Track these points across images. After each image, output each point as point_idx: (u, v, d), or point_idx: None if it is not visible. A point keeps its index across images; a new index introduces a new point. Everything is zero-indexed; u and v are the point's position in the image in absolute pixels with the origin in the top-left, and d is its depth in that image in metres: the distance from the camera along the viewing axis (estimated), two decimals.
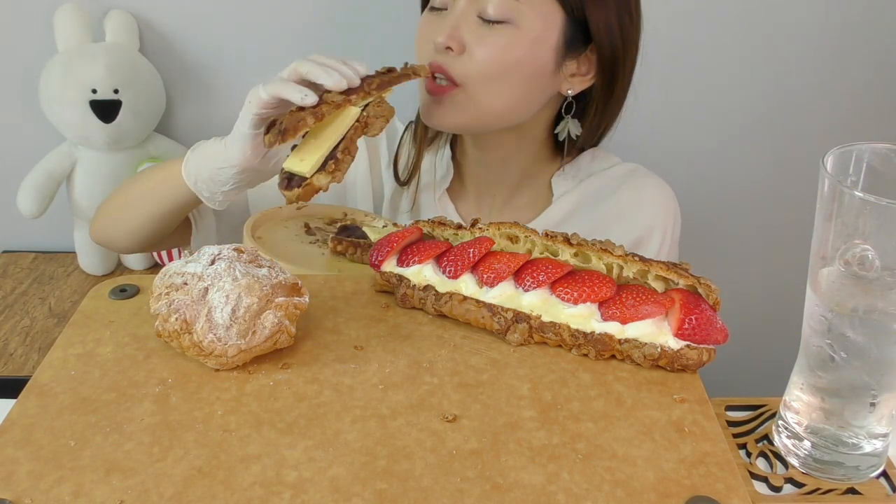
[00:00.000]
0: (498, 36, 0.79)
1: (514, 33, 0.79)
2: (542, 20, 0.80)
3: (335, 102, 0.71)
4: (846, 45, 1.35)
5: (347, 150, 0.73)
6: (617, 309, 0.57)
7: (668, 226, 0.90)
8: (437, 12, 0.83)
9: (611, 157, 0.95)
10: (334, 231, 0.84)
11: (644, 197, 0.90)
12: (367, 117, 0.74)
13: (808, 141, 1.40)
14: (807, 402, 0.53)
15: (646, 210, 0.89)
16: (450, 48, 0.80)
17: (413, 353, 0.58)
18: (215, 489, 0.46)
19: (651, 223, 0.89)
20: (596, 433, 0.51)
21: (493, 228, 0.63)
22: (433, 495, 0.46)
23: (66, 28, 1.26)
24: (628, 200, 0.90)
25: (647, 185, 0.91)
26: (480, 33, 0.79)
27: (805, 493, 0.52)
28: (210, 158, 0.79)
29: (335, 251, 0.79)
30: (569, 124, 0.88)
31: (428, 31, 0.83)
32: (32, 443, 0.49)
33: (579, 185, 0.92)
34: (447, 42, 0.80)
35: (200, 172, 0.80)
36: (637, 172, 0.93)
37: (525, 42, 0.80)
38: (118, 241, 0.91)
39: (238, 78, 1.37)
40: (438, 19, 0.82)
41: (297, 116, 0.70)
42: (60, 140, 1.34)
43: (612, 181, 0.92)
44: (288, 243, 0.82)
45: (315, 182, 0.71)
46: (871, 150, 0.50)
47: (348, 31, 1.33)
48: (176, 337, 0.55)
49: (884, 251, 0.46)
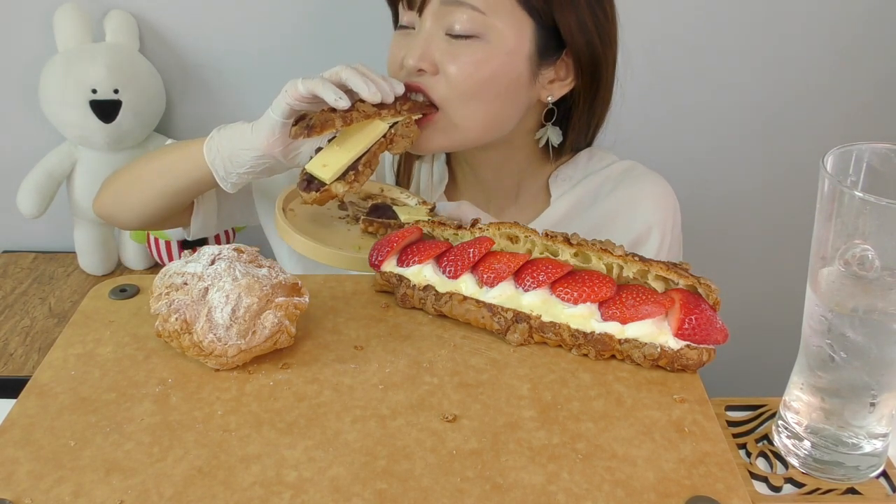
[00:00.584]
0: (469, 52, 0.78)
1: (484, 48, 0.78)
2: (512, 31, 0.78)
3: (366, 112, 0.74)
4: (846, 45, 1.35)
5: (369, 164, 0.75)
6: (617, 309, 0.57)
7: (668, 222, 0.89)
8: (405, 32, 0.82)
9: (608, 156, 0.95)
10: (367, 207, 0.85)
11: (642, 194, 0.90)
12: (393, 135, 0.76)
13: (808, 141, 1.40)
14: (807, 402, 0.53)
15: (644, 208, 0.89)
16: (422, 70, 0.79)
17: (413, 353, 0.58)
18: (215, 489, 0.46)
19: (649, 221, 0.88)
20: (596, 433, 0.51)
21: (493, 228, 0.63)
22: (433, 495, 0.46)
23: (66, 28, 1.26)
24: (626, 199, 0.89)
25: (645, 183, 0.91)
26: (451, 51, 0.78)
27: (805, 493, 0.52)
28: (235, 138, 0.80)
29: (366, 231, 0.80)
30: (548, 131, 0.88)
31: (398, 52, 0.82)
32: (32, 443, 0.49)
33: (577, 185, 0.92)
34: (418, 64, 0.79)
35: (222, 150, 0.80)
36: (634, 170, 0.92)
37: (497, 55, 0.78)
38: (123, 214, 0.91)
39: (238, 78, 1.37)
40: (407, 40, 0.81)
41: (326, 116, 0.73)
42: (60, 140, 1.34)
43: (610, 180, 0.91)
44: (318, 217, 0.83)
45: (333, 189, 0.74)
46: (871, 150, 0.50)
47: (348, 31, 1.33)
48: (176, 337, 0.55)
49: (884, 251, 0.46)
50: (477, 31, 0.78)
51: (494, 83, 0.80)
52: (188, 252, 0.60)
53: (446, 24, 0.78)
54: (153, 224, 0.93)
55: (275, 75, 1.37)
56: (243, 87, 1.38)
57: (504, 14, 0.78)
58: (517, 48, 0.79)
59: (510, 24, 0.78)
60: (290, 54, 1.36)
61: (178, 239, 1.36)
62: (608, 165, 0.93)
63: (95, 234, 1.38)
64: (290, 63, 1.37)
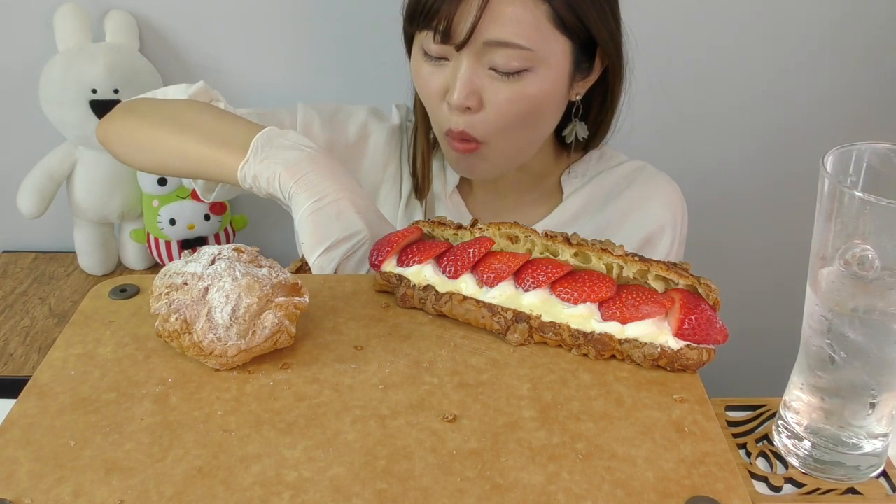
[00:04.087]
0: (517, 86, 0.77)
1: (532, 79, 0.77)
2: (555, 57, 0.77)
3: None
4: (846, 44, 1.35)
5: None
6: (617, 309, 0.57)
7: (678, 223, 0.90)
8: (436, 63, 0.79)
9: (618, 155, 0.95)
10: None
11: (654, 195, 0.90)
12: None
13: (808, 141, 1.40)
14: (807, 402, 0.53)
15: (656, 208, 0.89)
16: (468, 108, 0.77)
17: (413, 353, 0.58)
18: (215, 489, 0.46)
19: (661, 221, 0.89)
20: (596, 433, 0.51)
21: (493, 228, 0.63)
22: (433, 495, 0.46)
23: (66, 28, 1.26)
24: (638, 198, 0.90)
25: (657, 183, 0.91)
26: (496, 87, 0.76)
27: (805, 493, 0.52)
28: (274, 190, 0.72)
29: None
30: (577, 127, 0.88)
31: (435, 86, 0.80)
32: (32, 443, 0.49)
33: (588, 182, 0.92)
34: (465, 102, 0.77)
35: (260, 189, 0.73)
36: (646, 170, 0.93)
37: (545, 84, 0.77)
38: (130, 160, 0.84)
39: (238, 78, 1.37)
40: (442, 71, 0.79)
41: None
42: (60, 140, 1.34)
43: (622, 179, 0.92)
44: None
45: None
46: (871, 150, 0.50)
47: (348, 31, 1.33)
48: (176, 337, 0.55)
49: (884, 251, 0.46)
50: (524, 66, 0.76)
51: (539, 109, 0.79)
52: (188, 252, 0.60)
53: (489, 61, 0.76)
54: (159, 174, 0.86)
55: (275, 75, 1.37)
56: (243, 87, 1.38)
57: (546, 43, 0.76)
58: (560, 72, 0.79)
59: (553, 51, 0.77)
60: (289, 54, 1.36)
61: (178, 239, 1.36)
62: (619, 164, 0.94)
63: (95, 234, 1.38)
64: (290, 63, 1.37)
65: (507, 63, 0.76)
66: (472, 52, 0.76)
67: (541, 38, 0.75)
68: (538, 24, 0.75)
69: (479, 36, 0.75)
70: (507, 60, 0.75)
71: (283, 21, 1.33)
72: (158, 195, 1.34)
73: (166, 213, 1.34)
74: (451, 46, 0.77)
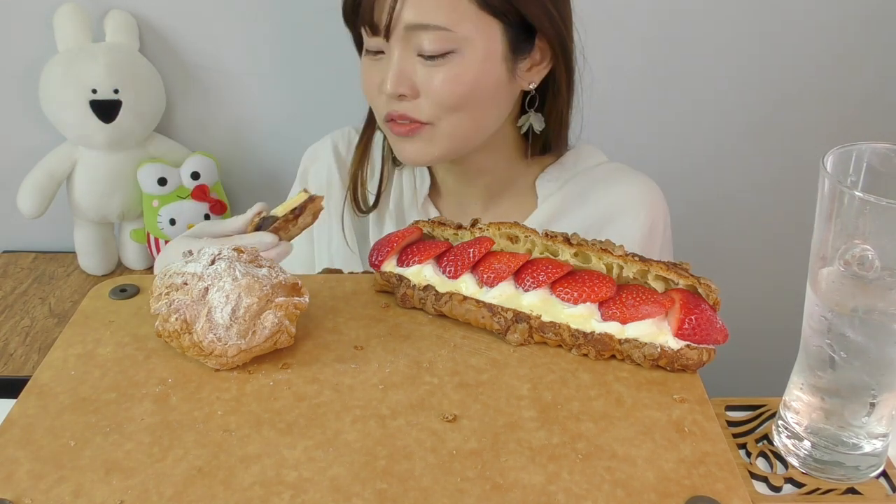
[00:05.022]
0: (445, 70, 0.78)
1: (459, 62, 0.78)
2: (481, 38, 0.78)
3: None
4: (846, 45, 1.35)
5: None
6: (617, 309, 0.57)
7: (659, 225, 0.88)
8: (374, 57, 0.81)
9: (596, 153, 0.93)
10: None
11: (630, 197, 0.88)
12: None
13: (809, 141, 1.40)
14: (807, 402, 0.53)
15: (632, 210, 0.88)
16: (402, 95, 0.79)
17: (413, 353, 0.58)
18: (215, 489, 0.46)
19: (641, 223, 0.87)
20: (596, 433, 0.51)
21: (493, 228, 0.63)
22: (433, 495, 0.46)
23: (66, 28, 1.26)
24: (614, 201, 0.88)
25: (633, 184, 0.89)
26: (427, 72, 0.78)
27: (805, 493, 0.52)
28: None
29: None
30: (531, 118, 0.87)
31: (373, 79, 0.81)
32: (32, 443, 0.49)
33: (564, 186, 0.90)
34: (397, 90, 0.78)
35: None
36: (621, 171, 0.91)
37: (473, 66, 0.78)
38: None
39: (238, 78, 1.37)
40: (379, 65, 0.81)
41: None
42: (60, 140, 1.34)
43: (597, 182, 0.90)
44: None
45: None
46: (871, 150, 0.50)
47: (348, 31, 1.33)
48: (176, 337, 0.55)
49: (884, 251, 0.46)
50: (448, 48, 0.77)
51: (476, 92, 0.79)
52: (188, 252, 0.60)
53: (416, 46, 0.78)
54: None
55: (275, 75, 1.37)
56: (243, 87, 1.38)
57: (470, 24, 0.77)
58: (491, 53, 0.79)
59: (479, 31, 0.78)
60: (289, 54, 1.36)
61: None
62: (596, 165, 0.91)
63: (95, 234, 1.39)
64: (290, 63, 1.37)
65: (430, 46, 0.77)
66: (399, 38, 0.78)
67: (461, 19, 0.77)
68: (457, 5, 0.76)
69: (400, 20, 0.77)
70: (430, 44, 0.77)
71: (283, 21, 1.33)
72: (158, 195, 1.34)
73: (166, 213, 1.34)
74: (380, 37, 0.79)
